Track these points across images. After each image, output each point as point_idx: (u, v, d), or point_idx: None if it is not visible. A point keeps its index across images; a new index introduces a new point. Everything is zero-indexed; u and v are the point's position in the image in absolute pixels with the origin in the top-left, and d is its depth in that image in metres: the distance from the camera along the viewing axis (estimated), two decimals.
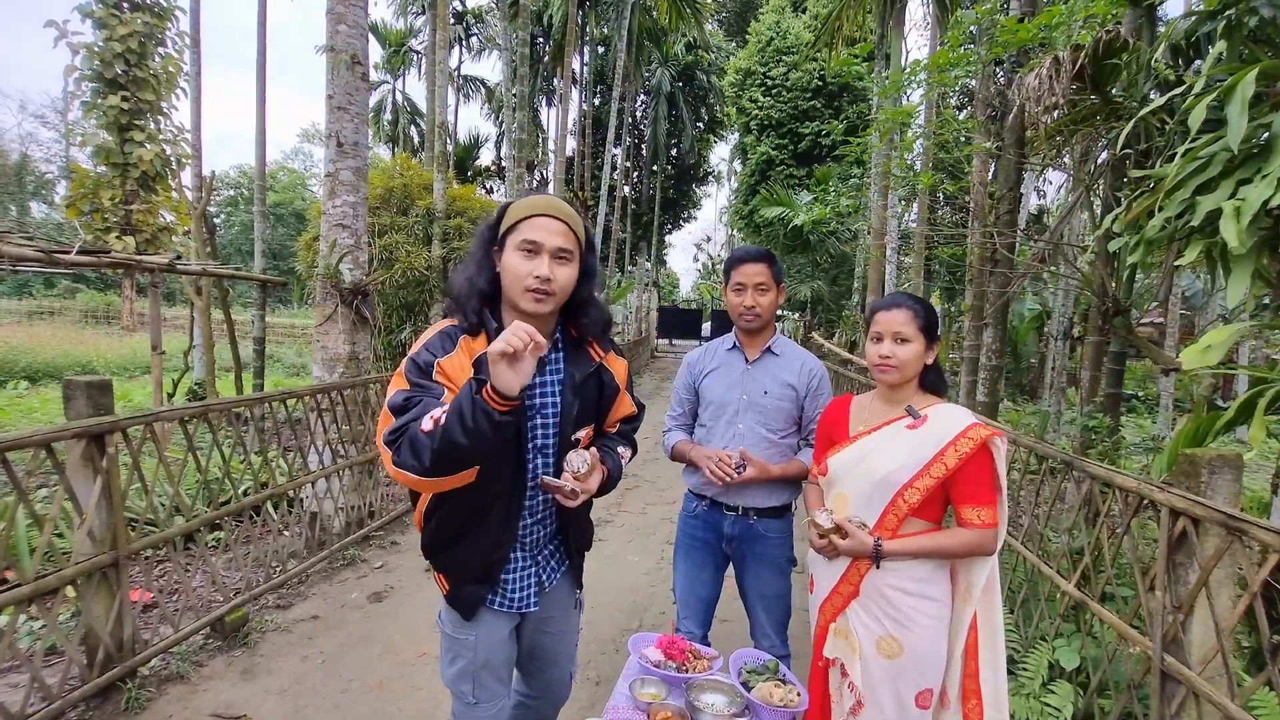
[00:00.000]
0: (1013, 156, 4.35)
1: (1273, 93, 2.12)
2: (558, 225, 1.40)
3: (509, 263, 1.40)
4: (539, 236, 1.38)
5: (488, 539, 1.47)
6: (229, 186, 40.78)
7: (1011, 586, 2.84)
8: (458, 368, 1.38)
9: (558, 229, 1.40)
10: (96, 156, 7.27)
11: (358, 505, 4.30)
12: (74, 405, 2.34)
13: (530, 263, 1.38)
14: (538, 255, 1.38)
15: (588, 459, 1.46)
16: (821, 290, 15.82)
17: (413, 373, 1.37)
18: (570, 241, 1.42)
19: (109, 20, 7.03)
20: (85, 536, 2.33)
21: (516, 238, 1.39)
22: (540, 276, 1.37)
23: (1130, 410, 10.88)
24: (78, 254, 4.55)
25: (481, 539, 1.47)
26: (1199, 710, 1.68)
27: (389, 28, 23.01)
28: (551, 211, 1.41)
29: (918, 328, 1.64)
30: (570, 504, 1.45)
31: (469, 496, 1.39)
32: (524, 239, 1.38)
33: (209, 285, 6.83)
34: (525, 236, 1.38)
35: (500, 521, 1.47)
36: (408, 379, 1.37)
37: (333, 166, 4.46)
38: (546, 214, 1.40)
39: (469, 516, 1.46)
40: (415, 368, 1.38)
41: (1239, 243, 1.81)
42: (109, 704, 2.42)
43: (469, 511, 1.45)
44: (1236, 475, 1.71)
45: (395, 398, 1.34)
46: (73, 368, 11.65)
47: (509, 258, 1.40)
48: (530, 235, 1.38)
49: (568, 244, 1.41)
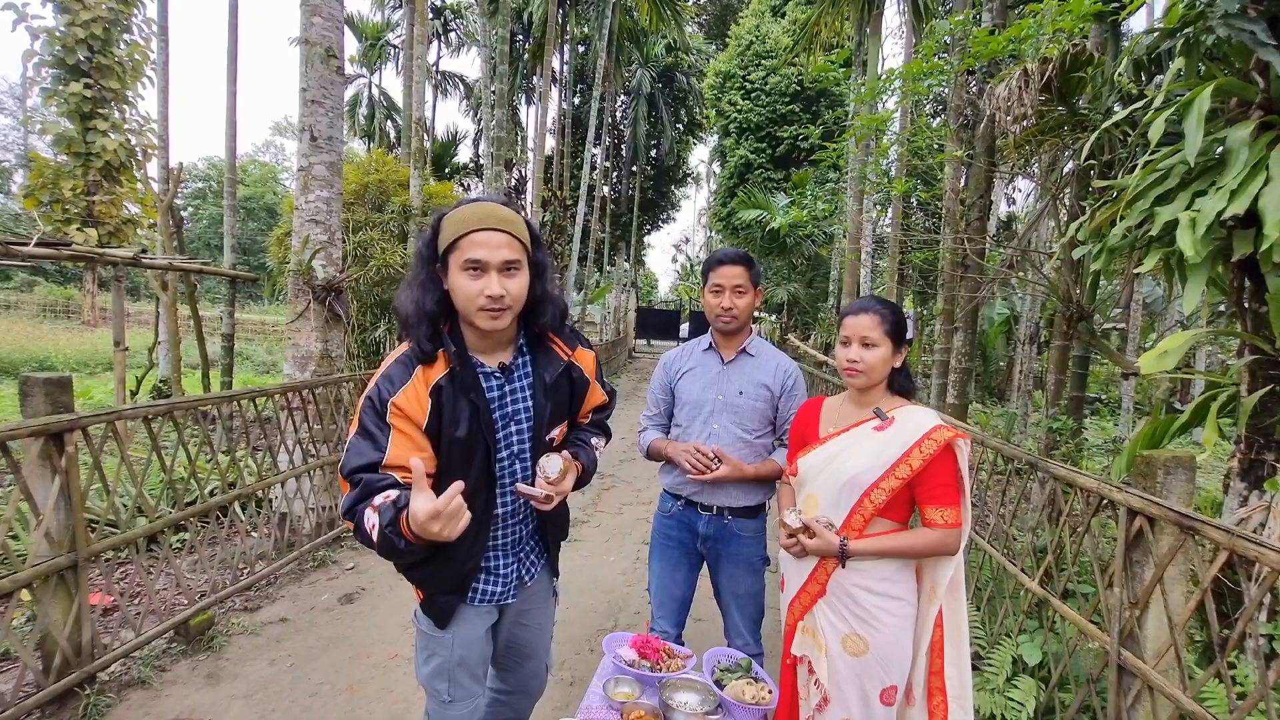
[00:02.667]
0: (983, 165, 4.45)
1: (1228, 108, 2.21)
2: (499, 237, 1.33)
3: (456, 284, 1.34)
4: (482, 255, 1.31)
5: (459, 554, 1.46)
6: (198, 179, 39.76)
7: (978, 584, 2.91)
8: (414, 402, 1.35)
9: (500, 241, 1.33)
10: (57, 145, 7.01)
11: (329, 506, 4.23)
12: (31, 403, 2.26)
13: (478, 282, 1.32)
14: (485, 274, 1.33)
15: (559, 463, 1.45)
16: (798, 293, 15.99)
17: (368, 413, 1.35)
18: (516, 250, 1.35)
19: (71, 4, 6.79)
20: (42, 538, 2.26)
21: (459, 257, 1.33)
22: (491, 296, 1.32)
23: (1094, 413, 11.18)
24: (36, 246, 4.40)
25: (453, 554, 1.45)
26: (1153, 703, 1.74)
27: (366, 21, 22.63)
28: (490, 224, 1.33)
29: (884, 332, 1.66)
30: (545, 508, 1.45)
31: None
32: (467, 259, 1.32)
33: (175, 280, 6.65)
34: (468, 256, 1.31)
35: (471, 535, 1.43)
36: (361, 421, 1.35)
37: (306, 161, 4.38)
38: (485, 228, 1.32)
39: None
40: (371, 408, 1.35)
41: (1194, 252, 1.88)
42: (66, 710, 2.34)
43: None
44: (1190, 476, 1.78)
45: (347, 459, 1.33)
46: (30, 364, 11.25)
47: (455, 279, 1.34)
48: (473, 255, 1.31)
49: (513, 254, 1.34)
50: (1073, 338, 3.78)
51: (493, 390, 1.45)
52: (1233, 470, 2.25)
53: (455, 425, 1.38)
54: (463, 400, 1.39)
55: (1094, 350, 3.82)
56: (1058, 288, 3.79)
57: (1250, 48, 1.83)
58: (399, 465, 1.31)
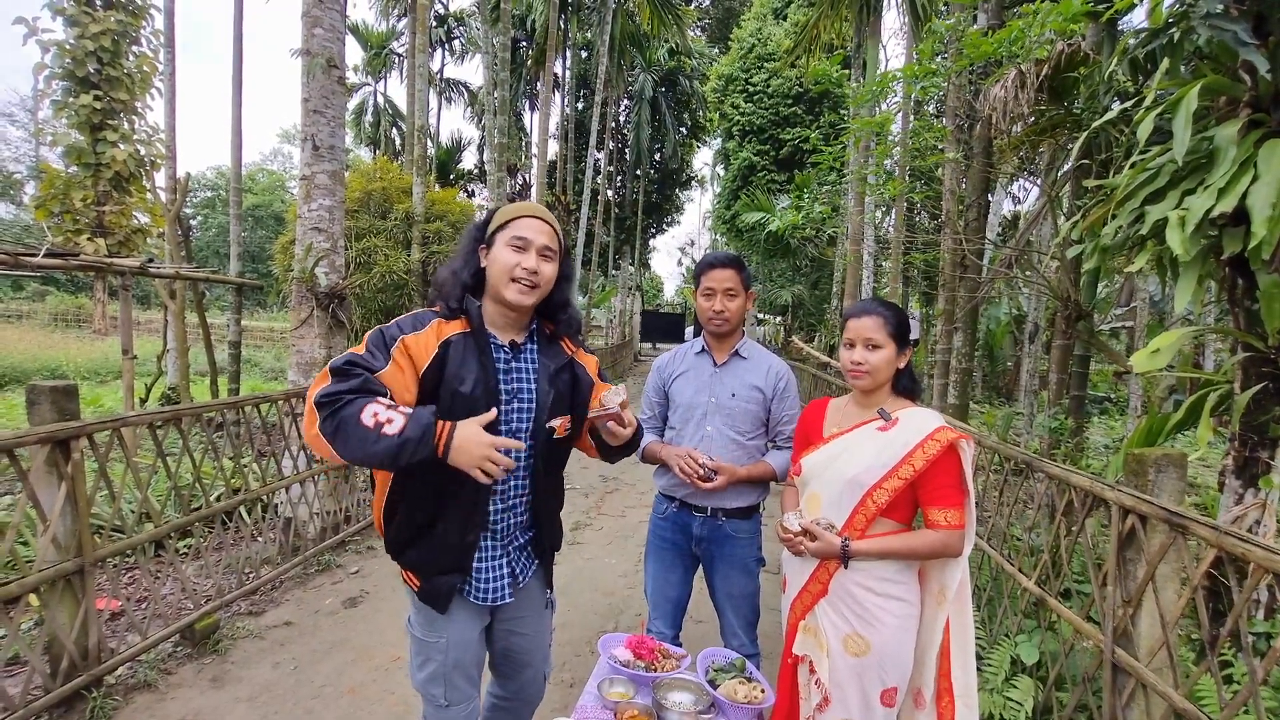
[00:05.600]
0: (979, 166, 4.46)
1: (1216, 106, 2.21)
2: (544, 226, 1.54)
3: (498, 256, 1.51)
4: (528, 234, 1.51)
5: (457, 524, 1.50)
6: (205, 188, 40.13)
7: (978, 584, 2.90)
8: (422, 347, 1.45)
9: (544, 229, 1.54)
10: (67, 156, 7.11)
11: (333, 510, 4.27)
12: (38, 410, 2.30)
13: (519, 256, 1.50)
14: (526, 250, 1.50)
15: (622, 392, 1.57)
16: (802, 294, 15.98)
17: (374, 341, 1.44)
18: (554, 242, 1.56)
19: (81, 18, 6.89)
20: (49, 543, 2.30)
21: (506, 235, 1.52)
22: (528, 268, 1.49)
23: (1102, 412, 11.12)
24: (46, 256, 4.47)
25: (451, 525, 1.50)
26: (1147, 701, 1.74)
27: (370, 29, 22.81)
28: (539, 214, 1.56)
29: (888, 334, 1.67)
30: (622, 431, 1.57)
31: (435, 486, 1.45)
32: (514, 235, 1.51)
33: (183, 288, 6.73)
34: (515, 234, 1.51)
35: (470, 504, 1.50)
36: (367, 345, 1.43)
37: (308, 170, 4.44)
38: (534, 216, 1.55)
39: (436, 506, 1.49)
40: (379, 337, 1.45)
41: (1184, 251, 1.89)
42: (73, 713, 2.38)
43: (436, 500, 1.48)
44: (1181, 474, 1.78)
45: (339, 360, 1.38)
46: (41, 372, 11.39)
47: (498, 252, 1.52)
48: (520, 232, 1.51)
49: (552, 244, 1.55)
50: (1073, 337, 3.77)
51: (499, 362, 1.54)
52: (1227, 468, 2.25)
53: (461, 380, 1.45)
54: (472, 360, 1.48)
55: (1094, 349, 3.81)
56: (1055, 287, 3.79)
57: (1232, 47, 1.83)
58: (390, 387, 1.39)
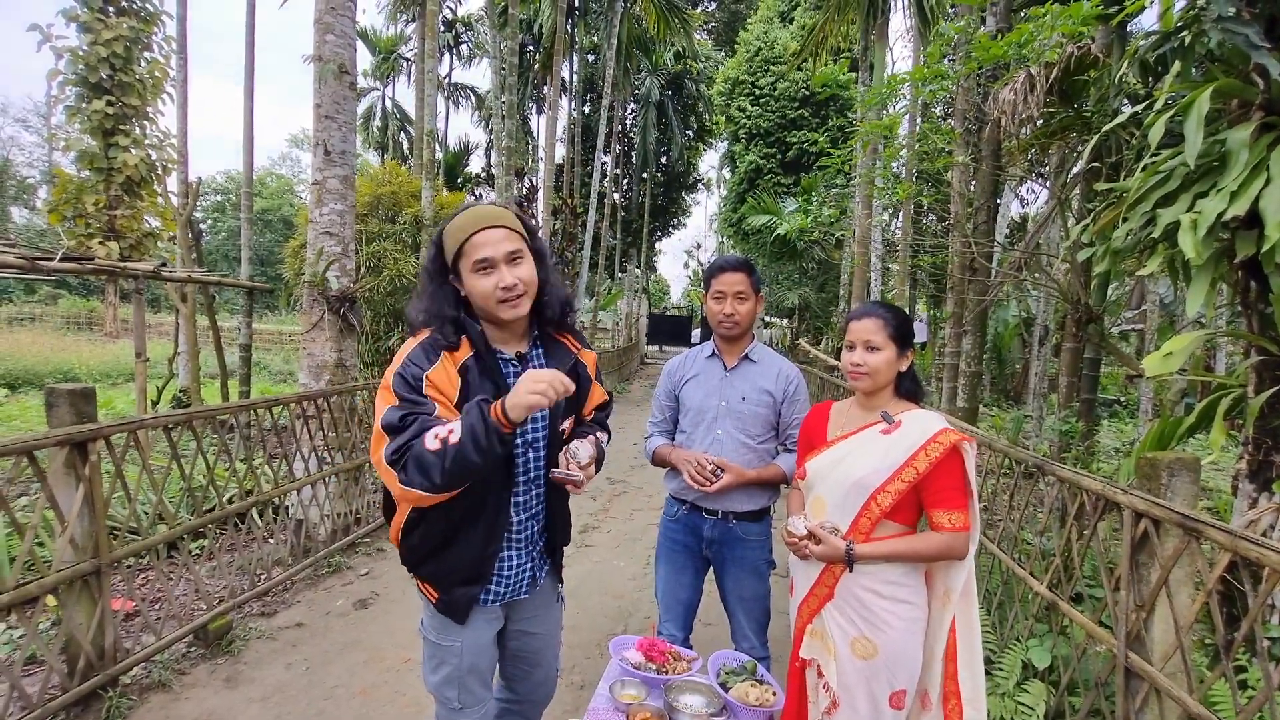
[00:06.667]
0: (988, 169, 4.45)
1: (1228, 109, 2.21)
2: (497, 233, 1.43)
3: (472, 287, 1.44)
4: (488, 253, 1.42)
5: (478, 538, 1.50)
6: (216, 192, 40.45)
7: (988, 588, 2.89)
8: (445, 379, 1.42)
9: (499, 236, 1.43)
10: (80, 161, 7.21)
11: (344, 512, 4.30)
12: (56, 413, 2.33)
13: (491, 278, 1.42)
14: (494, 269, 1.42)
15: (589, 449, 1.54)
16: (809, 297, 15.95)
17: (402, 389, 1.40)
18: (515, 241, 1.46)
19: (94, 24, 6.99)
20: (67, 544, 2.33)
21: (468, 261, 1.43)
22: (506, 286, 1.42)
23: (1113, 415, 11.03)
24: (61, 260, 4.52)
25: (472, 539, 1.50)
26: (1160, 706, 1.73)
27: (379, 35, 22.97)
28: (486, 223, 1.44)
29: (888, 336, 1.68)
30: (577, 492, 1.53)
31: (456, 502, 1.42)
32: (475, 260, 1.42)
33: (194, 292, 6.79)
34: (475, 258, 1.42)
35: (492, 518, 1.50)
36: (397, 395, 1.39)
37: (320, 175, 4.48)
38: (484, 228, 1.43)
39: (457, 521, 1.49)
40: (404, 383, 1.40)
41: (1196, 254, 1.88)
42: (89, 712, 2.41)
43: (457, 516, 1.48)
44: (1194, 478, 1.77)
45: (389, 416, 1.36)
46: (54, 375, 11.50)
47: (470, 281, 1.44)
48: (479, 255, 1.42)
49: (514, 244, 1.45)
50: (1083, 340, 3.76)
51: (510, 377, 1.51)
52: (1241, 472, 2.24)
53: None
54: (487, 382, 1.46)
55: (1104, 352, 3.79)
56: (1065, 290, 3.78)
57: (1244, 51, 1.83)
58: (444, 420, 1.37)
